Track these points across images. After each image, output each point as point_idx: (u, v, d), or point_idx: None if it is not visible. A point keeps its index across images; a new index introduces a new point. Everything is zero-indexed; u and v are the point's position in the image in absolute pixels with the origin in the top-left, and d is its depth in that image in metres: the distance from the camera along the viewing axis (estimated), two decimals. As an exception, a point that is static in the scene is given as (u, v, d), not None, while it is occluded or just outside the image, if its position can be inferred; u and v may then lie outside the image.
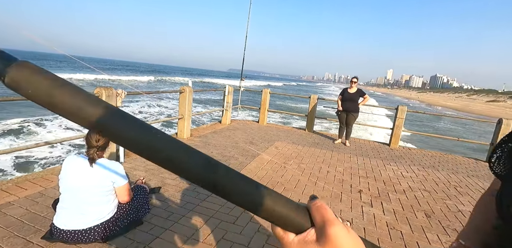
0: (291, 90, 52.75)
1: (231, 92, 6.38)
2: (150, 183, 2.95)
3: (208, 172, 0.30)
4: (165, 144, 0.28)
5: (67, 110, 0.26)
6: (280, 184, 3.30)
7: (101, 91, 3.27)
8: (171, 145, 0.29)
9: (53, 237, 1.77)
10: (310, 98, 6.77)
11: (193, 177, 0.30)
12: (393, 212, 2.91)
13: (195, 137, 5.09)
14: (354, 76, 5.78)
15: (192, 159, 0.29)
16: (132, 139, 0.27)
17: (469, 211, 3.13)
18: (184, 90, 4.81)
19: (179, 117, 4.93)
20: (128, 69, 65.98)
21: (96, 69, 0.83)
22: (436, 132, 13.95)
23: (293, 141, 5.59)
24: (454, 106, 50.93)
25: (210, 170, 0.30)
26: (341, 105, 5.72)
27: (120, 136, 0.27)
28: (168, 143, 0.29)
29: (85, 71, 34.57)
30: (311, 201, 0.35)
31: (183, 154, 0.29)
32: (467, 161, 5.57)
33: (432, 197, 3.42)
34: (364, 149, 5.63)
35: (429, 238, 2.46)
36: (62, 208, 1.75)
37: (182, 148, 0.29)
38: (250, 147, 4.71)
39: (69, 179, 1.72)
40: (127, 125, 0.27)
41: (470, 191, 3.79)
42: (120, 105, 3.57)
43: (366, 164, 4.57)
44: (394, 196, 3.34)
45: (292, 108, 20.83)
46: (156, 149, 0.28)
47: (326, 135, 6.73)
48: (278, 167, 3.93)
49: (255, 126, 6.82)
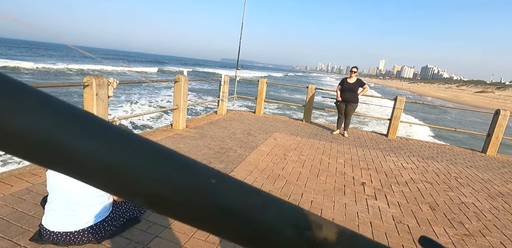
0: (292, 81, 52.27)
1: (227, 82, 6.18)
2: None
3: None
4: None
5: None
6: (281, 177, 3.20)
7: (90, 80, 3.04)
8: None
9: (42, 238, 1.62)
10: (308, 88, 6.63)
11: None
12: (398, 205, 2.85)
13: (191, 128, 4.91)
14: (354, 66, 5.64)
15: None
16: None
17: (472, 202, 3.11)
18: (179, 79, 4.59)
19: (174, 108, 4.73)
20: (120, 59, 63.89)
21: (97, 58, 0.66)
22: (430, 123, 14.07)
23: (292, 132, 5.48)
24: (444, 96, 51.62)
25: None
26: (340, 96, 5.59)
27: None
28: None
29: (76, 61, 33.38)
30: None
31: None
32: (464, 152, 5.58)
33: (434, 189, 3.38)
34: (363, 140, 5.57)
35: (436, 232, 2.41)
36: (51, 209, 1.58)
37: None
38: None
39: (56, 178, 1.55)
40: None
41: (471, 182, 3.77)
42: (112, 95, 3.36)
43: (366, 155, 4.50)
44: (397, 188, 3.29)
45: (287, 99, 20.69)
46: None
47: (324, 125, 6.64)
48: (279, 159, 3.81)
49: (252, 116, 6.67)
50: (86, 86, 3.06)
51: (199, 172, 0.17)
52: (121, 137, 0.15)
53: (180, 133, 4.54)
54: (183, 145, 3.94)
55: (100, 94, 3.14)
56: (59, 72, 23.03)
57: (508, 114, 5.55)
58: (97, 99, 3.10)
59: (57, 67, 24.87)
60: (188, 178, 0.16)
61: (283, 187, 2.94)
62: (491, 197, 3.34)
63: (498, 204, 3.15)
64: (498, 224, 2.66)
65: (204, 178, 0.17)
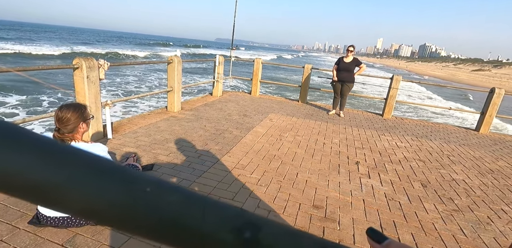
0: (297, 62, 51.24)
1: (222, 63, 6.03)
2: (143, 160, 2.81)
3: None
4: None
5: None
6: (277, 158, 3.23)
7: (80, 62, 2.94)
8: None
9: (40, 222, 1.64)
10: (304, 68, 6.51)
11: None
12: (391, 183, 2.92)
13: (186, 110, 4.87)
14: (351, 45, 5.51)
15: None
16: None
17: (462, 179, 3.19)
18: (172, 61, 4.47)
19: (168, 90, 4.65)
20: (113, 40, 61.12)
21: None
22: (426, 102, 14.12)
23: (287, 113, 5.47)
24: (441, 75, 51.36)
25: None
26: (336, 75, 5.52)
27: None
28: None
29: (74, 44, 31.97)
30: (384, 245, 0.23)
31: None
32: (457, 130, 5.65)
33: (427, 167, 3.46)
34: (358, 119, 5.59)
35: (427, 208, 2.49)
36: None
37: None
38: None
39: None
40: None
41: (463, 160, 3.85)
42: (103, 78, 3.27)
43: (361, 135, 4.54)
44: (390, 166, 3.35)
45: (282, 79, 20.43)
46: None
47: (319, 106, 6.62)
48: (274, 140, 3.83)
49: (248, 97, 6.61)
50: (76, 68, 2.96)
51: (133, 182, 0.16)
52: (49, 150, 0.14)
53: (175, 115, 4.51)
54: (178, 127, 3.92)
55: (91, 76, 3.05)
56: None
57: (503, 93, 5.56)
58: (88, 82, 3.01)
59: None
60: (120, 189, 0.15)
61: (279, 167, 2.98)
62: (481, 174, 3.43)
63: (488, 180, 3.25)
64: (486, 200, 2.76)
65: (138, 187, 0.16)
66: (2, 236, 1.60)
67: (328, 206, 2.34)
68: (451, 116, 11.86)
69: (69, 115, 1.63)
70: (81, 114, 1.68)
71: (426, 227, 2.19)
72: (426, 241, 2.03)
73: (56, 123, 1.63)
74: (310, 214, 2.20)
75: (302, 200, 2.39)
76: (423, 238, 2.06)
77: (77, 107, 1.69)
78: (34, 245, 1.55)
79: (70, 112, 1.63)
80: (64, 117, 1.61)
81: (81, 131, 1.70)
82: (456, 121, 10.89)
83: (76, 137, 1.69)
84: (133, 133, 3.53)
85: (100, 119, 3.27)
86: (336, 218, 2.19)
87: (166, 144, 3.26)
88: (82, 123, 1.68)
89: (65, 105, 1.67)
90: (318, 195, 2.50)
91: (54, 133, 1.65)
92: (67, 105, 1.68)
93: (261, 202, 2.28)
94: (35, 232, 1.64)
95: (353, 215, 2.25)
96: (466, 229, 2.24)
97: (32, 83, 9.68)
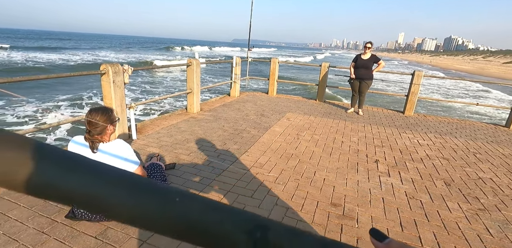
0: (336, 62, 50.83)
1: (239, 64, 6.13)
2: (165, 160, 2.94)
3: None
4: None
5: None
6: (294, 156, 3.26)
7: (107, 68, 3.12)
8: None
9: (76, 216, 1.79)
10: (321, 66, 6.47)
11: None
12: (412, 181, 2.87)
13: (205, 111, 5.00)
14: (368, 41, 5.42)
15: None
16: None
17: (490, 178, 3.07)
18: (191, 63, 4.61)
19: (187, 92, 4.80)
20: (123, 47, 62.26)
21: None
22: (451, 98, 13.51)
23: (305, 112, 5.46)
24: (468, 69, 48.73)
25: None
26: (354, 73, 5.44)
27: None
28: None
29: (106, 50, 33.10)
30: (386, 243, 0.26)
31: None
32: (485, 127, 5.39)
33: (451, 165, 3.35)
34: (378, 117, 5.48)
35: (450, 207, 2.43)
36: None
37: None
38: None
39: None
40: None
41: (490, 158, 3.69)
42: (127, 82, 3.45)
43: (381, 133, 4.46)
44: (411, 165, 3.28)
45: (297, 79, 20.31)
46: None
47: (337, 104, 6.56)
48: (292, 138, 3.86)
49: (265, 97, 6.66)
50: (103, 74, 3.15)
51: (165, 194, 0.22)
52: (100, 171, 0.21)
53: (195, 116, 4.65)
54: (198, 128, 4.05)
55: (117, 81, 3.23)
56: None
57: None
58: (114, 86, 3.20)
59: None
60: (157, 199, 0.21)
61: (296, 166, 3.02)
62: (510, 172, 3.28)
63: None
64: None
65: (169, 199, 0.21)
66: (43, 228, 1.76)
67: (346, 204, 2.35)
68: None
69: (98, 118, 1.76)
70: (108, 117, 1.81)
71: (449, 226, 2.15)
72: (449, 240, 1.99)
73: (87, 126, 1.77)
74: (328, 211, 2.22)
75: (320, 198, 2.41)
76: (446, 237, 2.02)
77: (104, 111, 1.82)
78: (71, 237, 1.70)
79: (98, 115, 1.77)
80: (94, 120, 1.75)
81: (108, 132, 1.84)
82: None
83: (104, 138, 1.82)
84: (156, 134, 3.69)
85: (125, 121, 3.45)
86: (355, 216, 2.20)
87: (186, 144, 3.39)
88: (110, 125, 1.81)
89: (94, 109, 1.81)
90: (336, 193, 2.51)
91: (85, 135, 1.78)
92: (95, 109, 1.82)
93: (279, 200, 2.33)
94: (72, 225, 1.80)
95: (372, 213, 2.24)
96: (493, 228, 2.17)
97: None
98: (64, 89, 11.00)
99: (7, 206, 1.96)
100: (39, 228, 1.76)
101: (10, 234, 1.69)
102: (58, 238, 1.68)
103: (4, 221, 1.80)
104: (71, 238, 1.69)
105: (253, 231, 0.21)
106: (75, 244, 1.65)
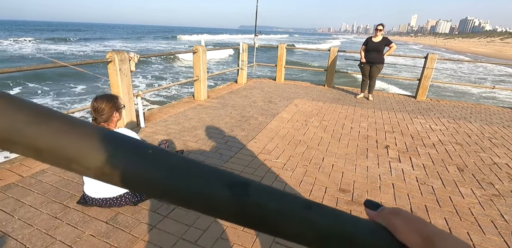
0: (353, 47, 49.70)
1: (245, 50, 6.01)
2: (173, 147, 2.95)
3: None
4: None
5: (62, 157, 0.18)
6: (302, 142, 3.23)
7: (113, 56, 3.09)
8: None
9: (87, 202, 1.82)
10: (330, 51, 6.28)
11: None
12: (423, 167, 2.81)
13: (212, 98, 4.97)
14: (380, 23, 5.19)
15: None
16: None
17: (505, 163, 2.98)
18: (197, 50, 4.53)
19: (194, 79, 4.75)
20: (139, 32, 62.50)
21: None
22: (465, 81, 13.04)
23: (313, 98, 5.37)
24: (485, 52, 46.76)
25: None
26: (364, 57, 5.27)
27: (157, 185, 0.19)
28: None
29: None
30: (378, 211, 0.24)
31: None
32: (502, 111, 5.20)
33: (464, 150, 3.26)
34: (389, 102, 5.34)
35: (463, 192, 2.38)
36: (88, 179, 1.75)
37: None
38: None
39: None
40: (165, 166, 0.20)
41: (506, 143, 3.57)
42: (134, 70, 3.42)
43: (392, 118, 4.36)
44: (423, 150, 3.21)
45: (305, 65, 19.91)
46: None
47: (347, 90, 6.41)
48: (300, 125, 3.81)
49: (272, 84, 6.57)
50: (109, 62, 3.13)
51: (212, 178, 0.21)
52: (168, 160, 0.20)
53: (202, 103, 4.62)
54: (205, 115, 4.04)
55: (123, 69, 3.21)
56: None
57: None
58: (120, 74, 3.18)
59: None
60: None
61: (304, 152, 2.99)
62: (527, 157, 3.17)
63: (535, 164, 3.00)
64: (531, 184, 2.56)
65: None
66: (56, 213, 1.80)
67: (355, 190, 2.32)
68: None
69: (103, 105, 1.75)
70: (114, 104, 1.80)
71: (461, 212, 2.11)
72: (461, 226, 1.95)
73: (93, 113, 1.76)
74: (336, 197, 2.20)
75: (328, 184, 2.39)
76: (458, 223, 1.98)
77: (110, 98, 1.80)
78: (83, 222, 1.74)
79: (104, 102, 1.75)
80: (99, 107, 1.74)
81: (115, 120, 1.83)
82: None
83: (111, 125, 1.81)
84: (163, 121, 3.69)
85: (133, 109, 3.45)
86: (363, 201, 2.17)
87: (194, 132, 3.39)
88: (116, 112, 1.80)
89: (99, 96, 1.80)
90: (345, 179, 2.48)
91: (91, 122, 1.78)
92: (101, 96, 1.81)
93: (287, 186, 2.32)
94: (83, 210, 1.83)
95: (382, 199, 2.21)
96: (508, 214, 2.11)
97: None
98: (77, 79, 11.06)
99: (22, 192, 2.01)
100: (52, 213, 1.80)
101: (25, 219, 1.74)
102: (70, 223, 1.72)
103: (19, 206, 1.86)
104: (83, 223, 1.72)
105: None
106: (87, 228, 1.69)
